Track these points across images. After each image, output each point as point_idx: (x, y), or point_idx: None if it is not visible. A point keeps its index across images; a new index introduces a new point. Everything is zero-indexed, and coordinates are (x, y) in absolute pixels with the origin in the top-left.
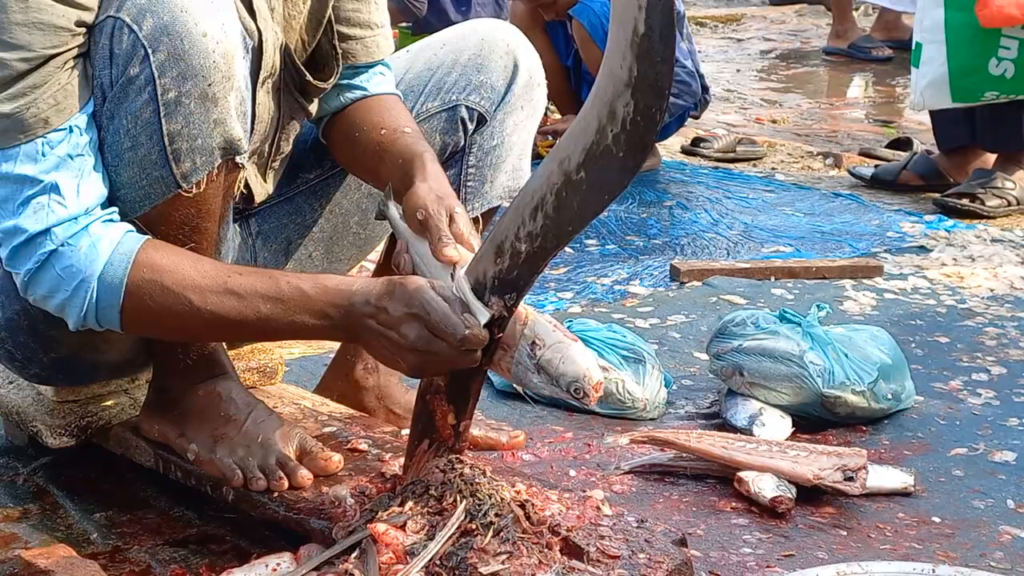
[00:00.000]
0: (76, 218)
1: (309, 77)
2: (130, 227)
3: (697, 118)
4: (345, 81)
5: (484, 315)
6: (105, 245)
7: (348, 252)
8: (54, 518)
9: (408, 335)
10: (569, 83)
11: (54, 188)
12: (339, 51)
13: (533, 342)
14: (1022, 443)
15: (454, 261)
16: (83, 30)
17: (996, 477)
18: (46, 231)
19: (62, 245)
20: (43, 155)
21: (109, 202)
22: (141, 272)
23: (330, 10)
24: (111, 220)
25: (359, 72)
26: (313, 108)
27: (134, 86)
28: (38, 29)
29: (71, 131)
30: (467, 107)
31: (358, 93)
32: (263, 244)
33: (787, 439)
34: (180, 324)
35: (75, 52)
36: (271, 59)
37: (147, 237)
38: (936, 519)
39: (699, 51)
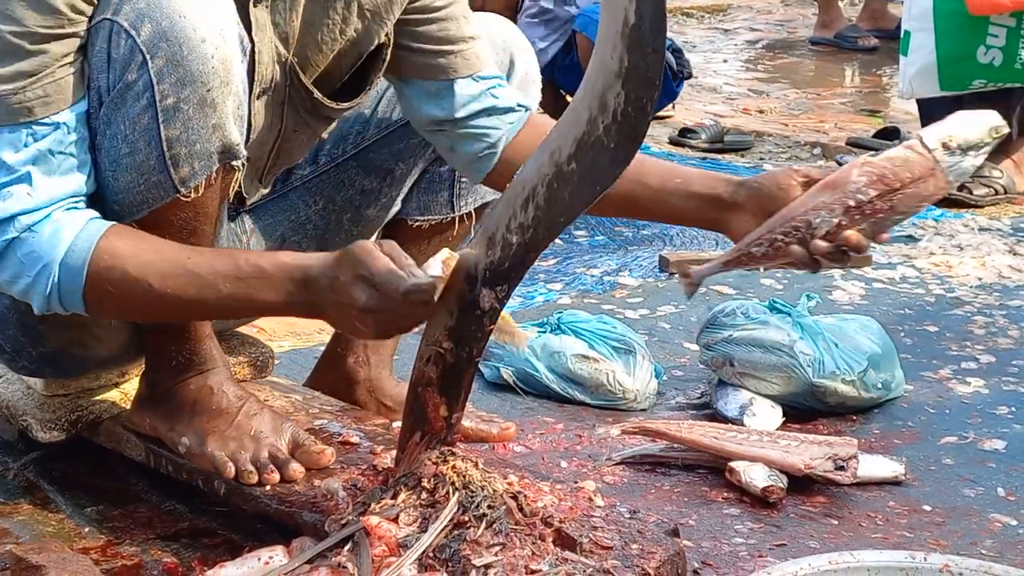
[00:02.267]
0: (40, 207)
1: (319, 95)
2: (95, 214)
3: (670, 106)
4: (450, 113)
5: (435, 268)
6: (68, 232)
7: (340, 248)
8: (45, 513)
9: (359, 298)
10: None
11: (27, 178)
12: (374, 84)
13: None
14: (1011, 431)
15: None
16: (81, 18)
17: (986, 465)
18: (10, 218)
19: (25, 231)
20: (25, 145)
21: (96, 203)
22: (102, 258)
23: (379, 42)
24: (75, 207)
25: (472, 84)
26: (323, 128)
27: (132, 92)
28: (33, 3)
29: (58, 127)
30: None
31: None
32: (257, 242)
33: (777, 429)
34: (142, 306)
35: (74, 44)
36: (268, 71)
37: (111, 223)
38: (927, 507)
39: (686, 41)
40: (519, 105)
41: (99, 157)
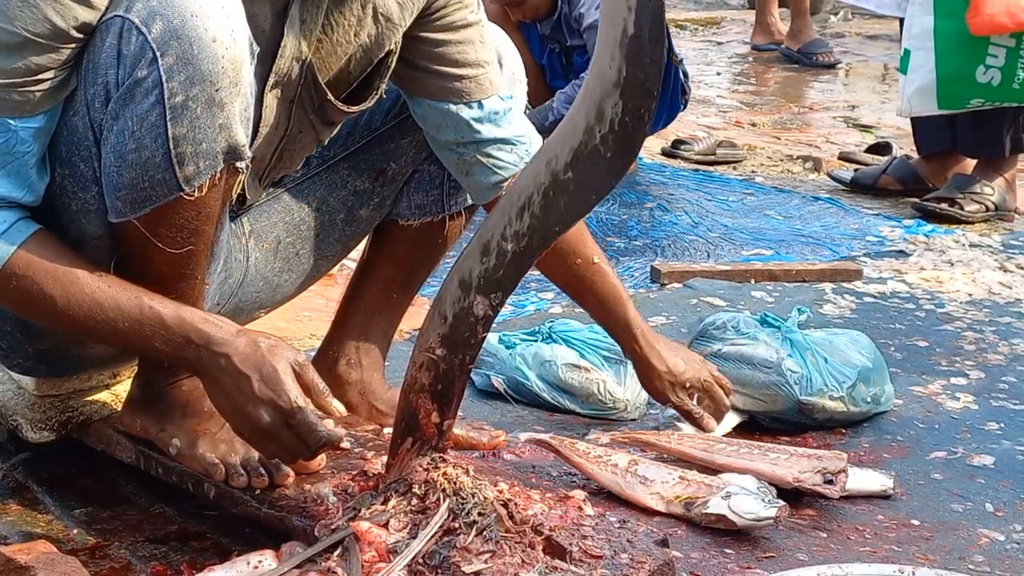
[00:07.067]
0: None
1: (331, 97)
2: (19, 217)
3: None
4: (468, 137)
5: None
6: None
7: (334, 249)
8: (34, 514)
9: (263, 417)
10: (544, 80)
11: None
12: (380, 89)
13: None
14: (1000, 447)
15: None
16: (80, 35)
17: (975, 480)
18: None
19: None
20: None
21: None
22: (14, 268)
23: (388, 48)
24: (7, 208)
25: (478, 109)
26: (326, 133)
27: (141, 88)
28: (30, 8)
29: (6, 131)
30: None
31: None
32: (255, 243)
33: (767, 441)
34: (42, 317)
35: (58, 59)
36: (287, 66)
37: (31, 232)
38: (915, 522)
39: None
40: (523, 138)
41: (104, 152)
